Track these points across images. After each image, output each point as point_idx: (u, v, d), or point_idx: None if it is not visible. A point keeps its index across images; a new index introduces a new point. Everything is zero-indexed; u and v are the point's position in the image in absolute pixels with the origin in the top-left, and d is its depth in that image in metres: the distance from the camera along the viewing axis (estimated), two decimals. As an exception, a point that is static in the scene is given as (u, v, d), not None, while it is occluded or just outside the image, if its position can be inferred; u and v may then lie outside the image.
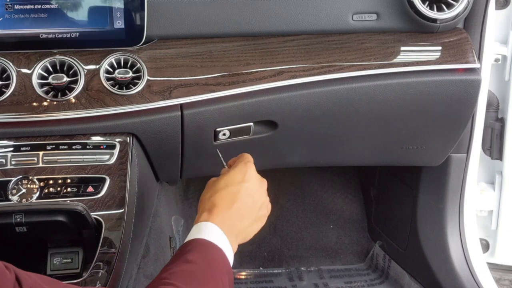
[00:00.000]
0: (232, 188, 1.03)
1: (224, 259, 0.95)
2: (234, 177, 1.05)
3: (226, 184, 1.04)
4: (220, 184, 1.05)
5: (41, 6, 1.17)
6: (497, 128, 1.72)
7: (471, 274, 1.61)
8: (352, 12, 1.29)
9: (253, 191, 1.05)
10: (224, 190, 1.03)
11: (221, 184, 1.05)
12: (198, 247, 0.94)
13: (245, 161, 1.09)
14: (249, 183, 1.05)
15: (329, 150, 1.44)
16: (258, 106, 1.25)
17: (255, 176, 1.08)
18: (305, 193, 2.06)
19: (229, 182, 1.04)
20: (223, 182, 1.05)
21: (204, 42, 1.26)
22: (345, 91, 1.28)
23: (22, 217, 1.08)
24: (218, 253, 0.95)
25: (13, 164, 1.13)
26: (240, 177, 1.05)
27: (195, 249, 0.94)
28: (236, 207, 1.02)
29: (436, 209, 1.63)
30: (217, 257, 0.94)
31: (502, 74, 1.69)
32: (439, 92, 1.31)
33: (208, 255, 0.94)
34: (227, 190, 1.03)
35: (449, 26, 1.31)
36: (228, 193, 1.03)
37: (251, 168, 1.08)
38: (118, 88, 1.19)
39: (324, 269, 1.95)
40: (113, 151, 1.17)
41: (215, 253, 0.95)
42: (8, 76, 1.17)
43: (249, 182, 1.05)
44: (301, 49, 1.28)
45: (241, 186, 1.04)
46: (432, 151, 1.47)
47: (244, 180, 1.05)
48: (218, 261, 0.94)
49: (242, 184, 1.04)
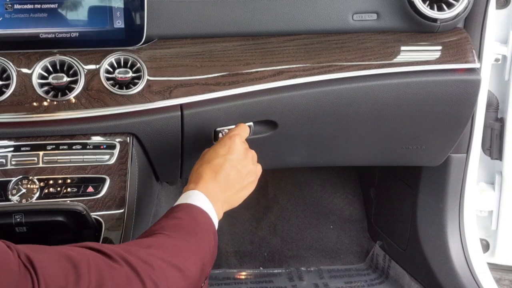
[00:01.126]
0: (216, 161, 1.11)
1: (208, 219, 1.04)
2: (218, 151, 1.13)
3: (211, 157, 1.13)
4: (206, 157, 1.14)
5: (41, 6, 1.17)
6: (497, 128, 1.71)
7: (471, 274, 1.61)
8: (352, 11, 1.29)
9: (236, 162, 1.13)
10: (209, 163, 1.12)
11: (207, 157, 1.13)
12: (184, 208, 1.04)
13: (230, 135, 1.16)
14: (232, 155, 1.13)
15: (329, 150, 1.44)
16: (258, 106, 1.25)
17: (239, 148, 1.15)
18: (305, 193, 2.06)
19: (214, 156, 1.13)
20: (209, 155, 1.13)
21: (204, 42, 1.26)
22: (345, 91, 1.28)
23: (22, 217, 1.08)
24: (202, 214, 1.04)
25: (13, 164, 1.13)
26: (224, 150, 1.13)
27: (181, 210, 1.03)
28: (220, 177, 1.10)
29: (436, 209, 1.63)
30: (201, 217, 1.04)
31: (502, 74, 1.69)
32: (439, 92, 1.31)
33: (193, 214, 1.03)
34: (212, 163, 1.11)
35: (449, 26, 1.31)
36: (212, 166, 1.11)
37: (235, 141, 1.15)
38: (118, 88, 1.19)
39: (324, 269, 1.95)
40: (113, 151, 1.17)
41: (200, 213, 1.04)
42: (8, 76, 1.17)
43: (233, 154, 1.13)
44: (301, 49, 1.28)
45: (225, 159, 1.12)
46: (432, 151, 1.47)
47: (228, 153, 1.13)
48: (202, 219, 1.03)
49: (226, 156, 1.12)
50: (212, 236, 1.03)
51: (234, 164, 1.12)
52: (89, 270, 0.79)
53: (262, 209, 2.01)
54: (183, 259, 0.93)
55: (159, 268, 0.88)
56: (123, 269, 0.83)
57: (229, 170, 1.11)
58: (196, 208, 1.04)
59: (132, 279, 0.83)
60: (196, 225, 1.02)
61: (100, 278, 0.79)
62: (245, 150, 1.16)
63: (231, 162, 1.12)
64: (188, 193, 1.08)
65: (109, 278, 0.81)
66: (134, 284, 0.83)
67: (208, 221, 1.04)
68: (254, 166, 1.18)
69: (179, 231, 0.98)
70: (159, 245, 0.93)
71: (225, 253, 1.92)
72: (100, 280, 0.79)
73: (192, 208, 1.04)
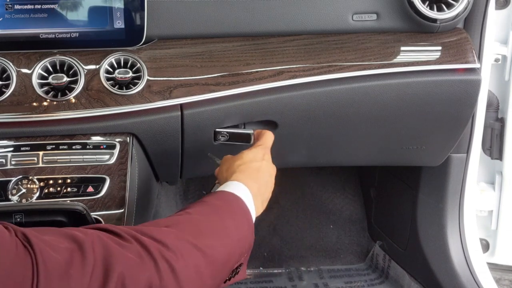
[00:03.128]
0: (256, 164, 1.11)
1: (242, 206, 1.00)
2: (256, 154, 1.13)
3: (250, 159, 1.11)
4: (246, 158, 1.12)
5: (41, 6, 1.17)
6: (497, 128, 1.71)
7: (471, 274, 1.61)
8: (352, 12, 1.29)
9: (270, 170, 1.14)
10: (250, 163, 1.10)
11: (246, 158, 1.11)
12: (217, 194, 1.01)
13: (264, 146, 1.17)
14: (267, 163, 1.14)
15: (329, 150, 1.44)
16: (258, 106, 1.25)
17: (270, 159, 1.16)
18: (305, 193, 2.06)
19: (253, 158, 1.12)
20: (248, 157, 1.12)
21: (204, 42, 1.26)
22: (345, 91, 1.28)
23: (22, 217, 1.08)
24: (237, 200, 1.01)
25: (13, 164, 1.13)
26: (261, 155, 1.13)
27: (213, 195, 1.01)
28: (260, 178, 1.09)
29: (436, 209, 1.63)
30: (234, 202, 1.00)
31: (502, 74, 1.69)
32: (439, 92, 1.31)
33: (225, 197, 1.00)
34: (252, 164, 1.10)
35: (449, 26, 1.31)
36: (253, 166, 1.10)
37: (267, 151, 1.16)
38: (118, 88, 1.19)
39: (324, 269, 1.95)
40: (113, 151, 1.17)
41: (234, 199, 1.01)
42: (8, 76, 1.17)
43: (267, 162, 1.14)
44: (301, 49, 1.28)
45: (262, 163, 1.12)
46: (432, 151, 1.47)
47: (264, 159, 1.13)
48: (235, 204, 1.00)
49: (263, 162, 1.12)
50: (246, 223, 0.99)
51: (268, 171, 1.13)
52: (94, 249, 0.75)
53: (262, 209, 2.00)
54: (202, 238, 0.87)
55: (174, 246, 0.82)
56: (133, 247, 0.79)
57: (266, 174, 1.12)
58: (231, 195, 1.01)
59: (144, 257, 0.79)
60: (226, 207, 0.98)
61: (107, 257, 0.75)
62: (273, 164, 1.17)
63: (267, 168, 1.13)
64: (229, 183, 1.05)
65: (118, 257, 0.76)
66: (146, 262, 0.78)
67: (242, 207, 1.00)
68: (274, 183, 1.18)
69: (203, 209, 0.95)
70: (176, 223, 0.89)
71: (225, 253, 1.91)
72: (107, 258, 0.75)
73: (227, 194, 1.01)
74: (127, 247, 0.78)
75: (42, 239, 0.73)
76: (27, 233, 0.73)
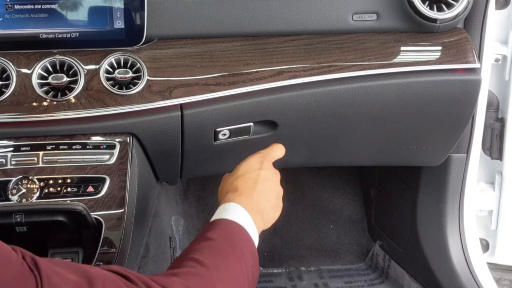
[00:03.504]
0: (251, 174, 1.07)
1: (246, 236, 0.97)
2: (251, 164, 1.10)
3: (244, 171, 1.08)
4: (239, 171, 1.09)
5: (41, 6, 1.17)
6: (497, 128, 1.71)
7: (471, 274, 1.61)
8: (352, 12, 1.29)
9: (270, 177, 1.10)
10: (244, 176, 1.07)
11: (240, 171, 1.09)
12: (219, 226, 0.97)
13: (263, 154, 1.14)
14: (265, 171, 1.10)
15: (329, 150, 1.44)
16: (258, 106, 1.25)
17: (270, 166, 1.13)
18: (305, 193, 2.06)
19: (248, 169, 1.09)
20: (242, 169, 1.09)
21: (204, 42, 1.26)
22: (345, 91, 1.28)
23: (22, 217, 1.08)
24: (240, 231, 0.97)
25: (13, 164, 1.13)
26: (257, 164, 1.10)
27: (216, 228, 0.97)
28: (258, 189, 1.05)
29: (436, 209, 1.63)
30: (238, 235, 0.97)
31: (502, 74, 1.69)
32: (439, 92, 1.31)
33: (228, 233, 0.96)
34: (247, 176, 1.07)
35: (449, 26, 1.31)
36: (248, 178, 1.07)
37: (266, 158, 1.12)
38: (118, 88, 1.19)
39: (324, 269, 1.95)
40: (113, 151, 1.17)
41: (237, 231, 0.97)
42: (8, 76, 1.17)
43: (265, 169, 1.10)
44: (301, 49, 1.28)
45: (259, 172, 1.08)
46: (432, 151, 1.47)
47: (261, 168, 1.09)
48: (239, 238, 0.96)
49: (260, 171, 1.08)
50: (251, 257, 0.96)
51: (269, 178, 1.09)
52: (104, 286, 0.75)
53: (262, 209, 2.00)
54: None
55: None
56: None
57: (265, 183, 1.08)
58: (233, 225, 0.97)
59: None
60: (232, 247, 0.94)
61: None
62: (274, 170, 1.14)
63: (266, 176, 1.09)
64: (224, 206, 1.02)
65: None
66: None
67: (246, 239, 0.97)
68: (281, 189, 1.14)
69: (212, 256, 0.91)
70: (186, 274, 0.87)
71: (225, 253, 1.91)
72: None
73: (229, 225, 0.97)
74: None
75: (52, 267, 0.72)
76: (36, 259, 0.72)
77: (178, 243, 1.82)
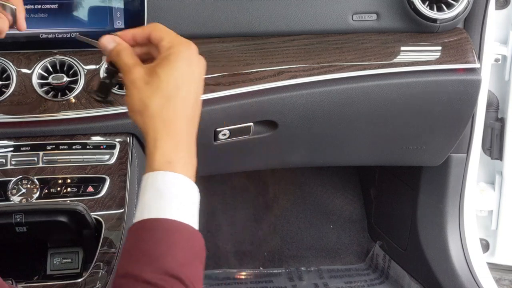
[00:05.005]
0: (183, 91, 0.79)
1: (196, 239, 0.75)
2: (178, 71, 0.79)
3: (173, 85, 0.78)
4: (164, 89, 0.78)
5: (41, 6, 1.17)
6: (497, 128, 1.72)
7: (471, 274, 1.61)
8: (352, 12, 1.29)
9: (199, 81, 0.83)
10: (175, 98, 0.77)
11: (166, 89, 0.78)
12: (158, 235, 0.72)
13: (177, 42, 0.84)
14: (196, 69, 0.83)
15: (329, 150, 1.44)
16: (258, 106, 1.25)
17: (196, 56, 0.85)
18: (305, 193, 2.06)
19: (178, 83, 0.79)
20: (168, 84, 0.79)
21: (204, 42, 1.26)
22: (345, 91, 1.28)
23: (22, 217, 1.08)
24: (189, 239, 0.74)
25: (13, 164, 1.13)
26: (187, 66, 0.81)
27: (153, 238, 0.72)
28: (192, 119, 0.81)
29: (436, 209, 1.63)
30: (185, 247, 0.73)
31: (502, 74, 1.69)
32: (439, 92, 1.31)
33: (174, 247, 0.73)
34: (179, 96, 0.78)
35: (449, 26, 1.31)
36: (182, 100, 0.78)
37: (189, 47, 0.84)
38: (118, 88, 1.19)
39: (324, 269, 1.95)
40: (113, 151, 1.17)
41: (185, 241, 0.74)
42: (8, 76, 1.17)
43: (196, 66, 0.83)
44: (301, 49, 1.28)
45: (191, 84, 0.80)
46: (432, 151, 1.47)
47: (192, 65, 0.82)
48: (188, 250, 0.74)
49: (192, 77, 0.81)
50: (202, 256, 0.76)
51: (200, 84, 0.83)
52: None
53: (262, 209, 2.01)
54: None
55: None
56: None
57: (197, 97, 0.82)
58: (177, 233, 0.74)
59: None
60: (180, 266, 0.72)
61: None
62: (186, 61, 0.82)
63: (199, 84, 0.83)
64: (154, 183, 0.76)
65: None
66: None
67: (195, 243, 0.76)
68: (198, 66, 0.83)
69: None
70: None
71: (225, 253, 1.92)
72: None
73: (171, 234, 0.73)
74: None
75: None
76: None
77: (178, 243, 1.82)
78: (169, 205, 0.75)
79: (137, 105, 0.79)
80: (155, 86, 0.79)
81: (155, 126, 0.78)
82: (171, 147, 0.78)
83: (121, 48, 0.85)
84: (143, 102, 0.79)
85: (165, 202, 0.75)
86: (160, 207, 0.75)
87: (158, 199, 0.76)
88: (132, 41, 0.87)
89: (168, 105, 0.79)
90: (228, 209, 1.96)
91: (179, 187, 0.77)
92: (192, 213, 0.78)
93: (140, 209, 0.76)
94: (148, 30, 0.86)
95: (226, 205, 1.97)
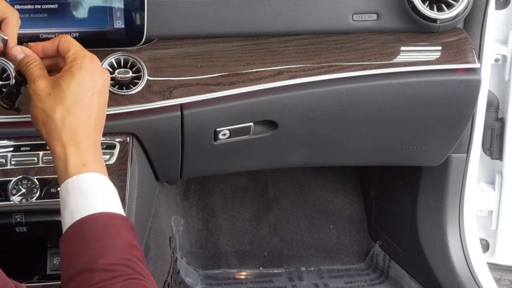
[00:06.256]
0: (86, 99, 0.84)
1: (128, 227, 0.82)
2: (81, 80, 0.84)
3: (76, 95, 0.83)
4: (67, 97, 0.83)
5: (41, 6, 1.17)
6: (497, 128, 1.72)
7: (471, 274, 1.61)
8: (352, 12, 1.29)
9: (105, 94, 0.89)
10: (79, 106, 0.83)
11: (69, 97, 0.83)
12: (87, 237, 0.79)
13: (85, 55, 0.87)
14: (102, 81, 0.88)
15: (329, 150, 1.44)
16: (258, 106, 1.25)
17: (99, 69, 0.89)
18: (305, 193, 2.06)
19: (81, 92, 0.84)
20: (71, 94, 0.83)
21: (204, 42, 1.26)
22: (345, 91, 1.28)
23: (22, 217, 1.08)
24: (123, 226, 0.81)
25: (13, 164, 1.13)
26: (89, 77, 0.85)
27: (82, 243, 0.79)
28: (96, 127, 0.86)
29: (436, 209, 1.63)
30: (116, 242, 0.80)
31: (502, 74, 1.69)
32: (439, 92, 1.31)
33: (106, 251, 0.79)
34: (81, 104, 0.83)
35: (449, 26, 1.32)
36: (84, 108, 0.83)
37: (92, 61, 0.88)
38: (118, 88, 1.19)
39: (324, 269, 1.95)
40: (113, 151, 1.17)
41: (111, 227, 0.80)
42: (8, 76, 1.17)
43: (102, 79, 0.88)
44: (301, 49, 1.28)
45: (94, 93, 0.86)
46: (432, 151, 1.47)
47: (95, 82, 0.86)
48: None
49: (95, 88, 0.86)
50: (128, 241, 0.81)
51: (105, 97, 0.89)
52: None
53: (262, 209, 2.01)
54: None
55: None
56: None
57: (103, 103, 0.88)
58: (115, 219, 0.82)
59: None
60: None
61: None
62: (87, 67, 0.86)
63: (103, 93, 0.89)
64: (76, 186, 0.82)
65: None
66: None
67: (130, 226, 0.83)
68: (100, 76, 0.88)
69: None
70: None
71: (225, 253, 1.92)
72: None
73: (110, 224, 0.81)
74: None
75: None
76: None
77: (178, 243, 1.82)
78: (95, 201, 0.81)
79: (41, 116, 0.85)
80: (58, 97, 0.84)
81: (61, 136, 0.84)
82: (82, 152, 0.84)
83: (29, 59, 0.91)
84: (45, 113, 0.84)
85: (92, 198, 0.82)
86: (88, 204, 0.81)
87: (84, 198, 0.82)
88: (41, 53, 0.93)
89: (70, 115, 0.84)
90: (228, 209, 1.96)
91: (101, 183, 0.84)
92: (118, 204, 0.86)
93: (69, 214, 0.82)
94: (57, 42, 0.91)
95: (226, 205, 1.97)
